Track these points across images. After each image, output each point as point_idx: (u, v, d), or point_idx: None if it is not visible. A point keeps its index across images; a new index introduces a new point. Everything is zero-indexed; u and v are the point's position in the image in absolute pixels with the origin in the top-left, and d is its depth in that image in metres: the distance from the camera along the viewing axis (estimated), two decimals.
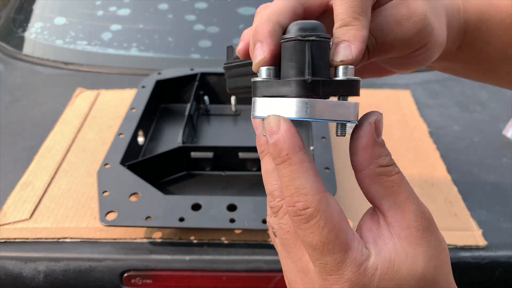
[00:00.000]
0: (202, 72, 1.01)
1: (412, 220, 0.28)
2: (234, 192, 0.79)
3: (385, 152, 0.29)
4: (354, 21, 0.29)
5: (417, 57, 0.35)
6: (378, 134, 0.29)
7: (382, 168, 0.28)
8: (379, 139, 0.29)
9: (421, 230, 0.28)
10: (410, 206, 0.28)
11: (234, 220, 0.67)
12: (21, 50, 1.27)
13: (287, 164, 0.27)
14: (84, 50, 1.23)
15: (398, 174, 0.29)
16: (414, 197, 0.29)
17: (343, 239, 0.27)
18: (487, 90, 1.10)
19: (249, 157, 0.82)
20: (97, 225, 0.71)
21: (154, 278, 0.68)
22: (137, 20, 1.27)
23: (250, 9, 1.27)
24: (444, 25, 0.37)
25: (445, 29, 0.37)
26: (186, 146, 0.81)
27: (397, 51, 0.34)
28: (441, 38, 0.36)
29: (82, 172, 0.83)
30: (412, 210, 0.28)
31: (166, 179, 0.83)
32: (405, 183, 0.29)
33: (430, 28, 0.34)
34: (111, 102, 1.04)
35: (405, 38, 0.33)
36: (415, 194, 0.29)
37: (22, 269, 0.67)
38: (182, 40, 1.23)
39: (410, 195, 0.29)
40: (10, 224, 0.72)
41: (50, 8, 1.34)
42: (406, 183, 0.29)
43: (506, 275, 0.68)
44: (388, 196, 0.29)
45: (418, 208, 0.29)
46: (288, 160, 0.27)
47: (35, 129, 0.96)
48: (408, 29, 0.33)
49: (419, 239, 0.28)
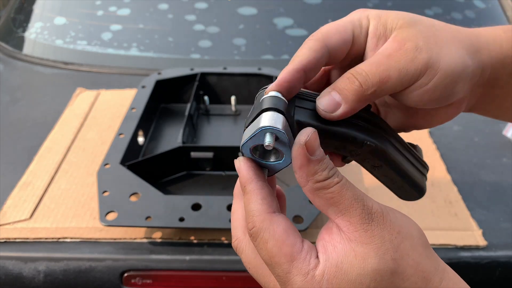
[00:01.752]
0: (202, 72, 1.01)
1: (358, 222, 0.30)
2: None
3: (321, 167, 0.30)
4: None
5: (433, 91, 0.34)
6: (312, 151, 0.30)
7: (319, 183, 0.30)
8: (314, 156, 0.30)
9: (369, 229, 0.29)
10: (354, 211, 0.30)
11: None
12: (21, 50, 1.27)
13: (244, 194, 0.32)
14: (84, 50, 1.23)
15: (337, 184, 0.30)
16: (359, 199, 0.30)
17: (286, 251, 0.30)
18: None
19: None
20: (97, 225, 0.71)
21: (154, 278, 0.68)
22: (137, 20, 1.27)
23: (250, 9, 1.27)
24: (460, 51, 0.35)
25: (462, 55, 0.35)
26: (186, 146, 0.81)
27: (396, 83, 0.33)
28: (452, 66, 0.34)
29: (82, 172, 0.83)
30: (357, 213, 0.30)
31: (166, 179, 0.83)
32: (346, 190, 0.30)
33: (427, 56, 0.33)
34: (111, 102, 1.04)
35: (399, 67, 0.33)
36: (361, 194, 0.30)
37: (22, 269, 0.67)
38: (182, 40, 1.23)
39: (353, 200, 0.30)
40: (10, 224, 0.72)
41: (50, 8, 1.34)
42: (348, 189, 0.30)
43: (506, 275, 0.68)
44: (331, 206, 0.30)
45: (364, 210, 0.30)
46: (244, 191, 0.32)
47: (35, 129, 0.96)
48: (399, 59, 0.33)
49: (369, 238, 0.29)
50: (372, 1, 1.28)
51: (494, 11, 1.35)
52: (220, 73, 1.02)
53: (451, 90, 0.34)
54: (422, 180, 0.40)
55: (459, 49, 0.35)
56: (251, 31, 1.23)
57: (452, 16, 1.29)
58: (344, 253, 0.29)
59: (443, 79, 0.33)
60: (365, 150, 0.34)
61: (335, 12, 1.27)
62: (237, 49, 1.20)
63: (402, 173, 0.37)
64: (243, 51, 1.19)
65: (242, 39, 1.22)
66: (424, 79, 0.33)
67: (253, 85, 1.01)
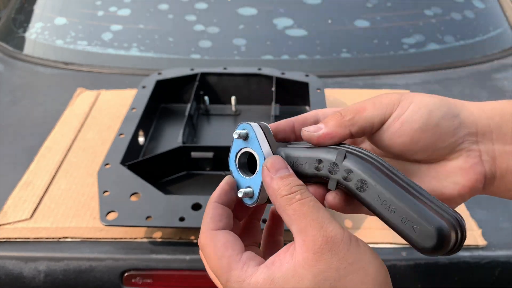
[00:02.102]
0: (202, 72, 1.01)
1: (310, 244, 0.30)
2: None
3: (283, 183, 0.33)
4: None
5: (411, 121, 0.35)
6: (274, 171, 0.34)
7: (283, 198, 0.33)
8: (276, 175, 0.34)
9: (318, 252, 0.30)
10: (310, 231, 0.31)
11: None
12: (22, 50, 1.27)
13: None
14: (84, 50, 1.23)
15: (299, 201, 0.32)
16: (318, 221, 0.31)
17: (224, 263, 0.33)
18: (487, 90, 1.10)
19: None
20: (98, 225, 0.71)
21: (155, 277, 0.68)
22: (137, 20, 1.27)
23: (250, 9, 1.27)
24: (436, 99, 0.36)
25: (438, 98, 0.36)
26: (186, 146, 0.81)
27: (372, 113, 0.35)
28: (426, 99, 0.35)
29: (82, 172, 0.83)
30: (311, 234, 0.31)
31: (166, 179, 0.83)
32: (307, 209, 0.32)
33: (400, 95, 0.36)
34: (111, 102, 1.04)
35: (374, 101, 0.36)
36: (323, 217, 0.31)
37: (22, 268, 0.68)
38: (182, 40, 1.23)
39: (312, 221, 0.31)
40: (10, 224, 0.72)
41: (51, 8, 1.34)
42: (310, 209, 0.32)
43: (505, 275, 0.68)
44: (293, 223, 0.32)
45: (319, 232, 0.30)
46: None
47: (35, 129, 0.96)
48: (375, 98, 0.36)
49: (315, 261, 0.30)
50: (371, 1, 1.29)
51: (494, 11, 1.35)
52: (220, 73, 1.02)
53: (432, 121, 0.34)
54: (438, 218, 0.30)
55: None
56: (251, 31, 1.23)
57: (451, 16, 1.29)
58: (286, 270, 0.31)
59: (417, 108, 0.35)
60: (339, 160, 0.34)
61: (335, 12, 1.27)
62: (237, 49, 1.20)
63: (399, 193, 0.31)
64: (243, 51, 1.20)
65: (242, 39, 1.22)
66: (399, 110, 0.35)
67: (253, 85, 1.01)
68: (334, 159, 0.34)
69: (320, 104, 0.89)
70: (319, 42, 1.22)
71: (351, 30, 1.25)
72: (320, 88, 0.95)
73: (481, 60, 1.21)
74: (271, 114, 0.89)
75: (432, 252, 0.30)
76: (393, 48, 1.21)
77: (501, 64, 1.20)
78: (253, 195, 0.37)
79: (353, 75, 1.15)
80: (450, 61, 1.20)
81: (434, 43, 1.23)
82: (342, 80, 1.13)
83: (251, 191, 0.37)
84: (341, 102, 1.01)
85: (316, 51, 1.20)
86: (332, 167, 0.34)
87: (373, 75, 1.15)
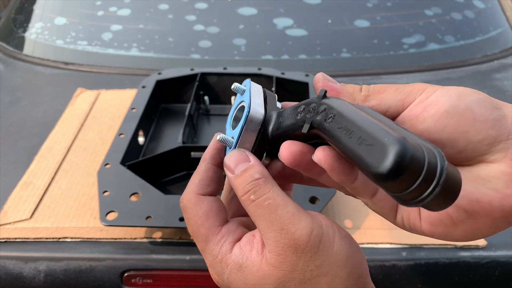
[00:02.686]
0: (202, 72, 1.01)
1: (272, 246, 0.30)
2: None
3: (240, 181, 0.32)
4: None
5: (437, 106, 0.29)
6: (233, 167, 0.33)
7: (241, 199, 0.32)
8: (235, 172, 0.32)
9: (282, 254, 0.29)
10: (270, 233, 0.30)
11: None
12: (22, 50, 1.27)
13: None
14: (84, 50, 1.23)
15: (253, 203, 0.31)
16: (277, 223, 0.29)
17: (202, 232, 0.33)
18: (487, 90, 1.10)
19: None
20: (98, 225, 0.71)
21: (155, 277, 0.68)
22: (137, 20, 1.27)
23: (250, 9, 1.27)
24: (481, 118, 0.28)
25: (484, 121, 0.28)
26: (186, 146, 0.81)
27: (392, 95, 0.32)
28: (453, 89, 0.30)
29: (82, 172, 0.83)
30: (272, 236, 0.29)
31: (166, 179, 0.83)
32: (262, 211, 0.30)
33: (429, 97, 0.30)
34: (111, 102, 1.04)
35: (396, 86, 0.33)
36: (282, 219, 0.29)
37: (22, 268, 0.68)
38: (182, 40, 1.23)
39: (271, 223, 0.30)
40: (10, 224, 0.72)
41: (50, 8, 1.34)
42: (266, 210, 0.30)
43: (505, 275, 0.68)
44: (255, 223, 0.31)
45: (280, 235, 0.29)
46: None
47: (35, 129, 0.96)
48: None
49: (279, 263, 0.29)
50: (371, 1, 1.29)
51: (494, 11, 1.35)
52: (220, 73, 1.02)
53: (462, 104, 0.28)
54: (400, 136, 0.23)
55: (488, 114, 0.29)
56: (251, 31, 1.23)
57: (451, 16, 1.29)
58: (253, 262, 0.30)
59: (445, 91, 0.29)
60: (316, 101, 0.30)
61: (335, 12, 1.27)
62: (237, 49, 1.20)
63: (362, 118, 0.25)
64: (243, 51, 1.20)
65: (242, 39, 1.22)
66: (423, 95, 0.30)
67: None
68: (314, 99, 0.30)
69: None
70: (319, 42, 1.22)
71: (351, 30, 1.25)
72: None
73: (481, 60, 1.21)
74: None
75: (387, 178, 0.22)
76: (393, 48, 1.21)
77: (501, 64, 1.20)
78: (231, 144, 0.35)
79: (353, 75, 1.15)
80: (450, 61, 1.20)
81: (434, 43, 1.23)
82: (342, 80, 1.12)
83: (231, 140, 0.35)
84: None
85: (316, 51, 1.20)
86: (311, 108, 0.30)
87: (373, 75, 1.16)
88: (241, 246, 0.32)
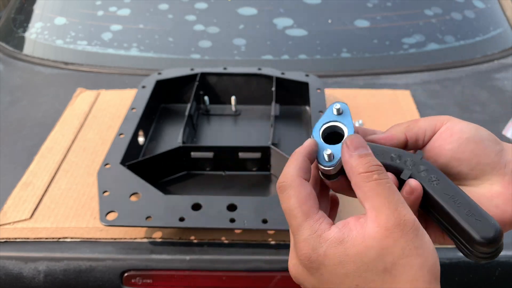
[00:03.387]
0: (202, 72, 1.01)
1: (383, 221, 0.33)
2: (234, 192, 0.80)
3: (362, 161, 0.36)
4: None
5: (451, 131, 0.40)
6: (353, 148, 0.37)
7: (360, 175, 0.35)
8: (356, 152, 0.37)
9: (389, 230, 0.33)
10: (384, 210, 0.33)
11: (234, 220, 0.67)
12: (21, 50, 1.27)
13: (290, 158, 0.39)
14: (84, 50, 1.23)
15: (375, 181, 0.35)
16: (393, 203, 0.34)
17: (304, 209, 0.36)
18: (487, 90, 1.10)
19: (249, 157, 0.82)
20: (97, 225, 0.71)
21: (154, 278, 0.68)
22: (137, 20, 1.27)
23: (250, 9, 1.27)
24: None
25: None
26: (186, 146, 0.81)
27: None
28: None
29: (82, 172, 0.83)
30: (386, 213, 0.33)
31: (166, 179, 0.83)
32: (382, 189, 0.34)
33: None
34: (111, 102, 1.04)
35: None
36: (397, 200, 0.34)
37: (22, 269, 0.68)
38: (182, 40, 1.23)
39: (386, 201, 0.34)
40: (10, 224, 0.72)
41: (50, 8, 1.34)
42: (386, 189, 0.34)
43: (506, 275, 0.68)
44: (367, 199, 0.34)
45: (393, 214, 0.33)
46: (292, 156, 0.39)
47: (35, 129, 0.96)
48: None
49: (385, 237, 0.33)
50: (371, 1, 1.29)
51: (494, 11, 1.35)
52: (220, 73, 1.02)
53: (478, 136, 0.39)
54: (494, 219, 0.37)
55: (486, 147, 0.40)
56: (251, 31, 1.23)
57: (452, 16, 1.29)
58: (355, 236, 0.33)
59: (467, 124, 0.40)
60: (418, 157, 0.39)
61: (335, 12, 1.27)
62: (237, 49, 1.20)
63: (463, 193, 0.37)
64: (243, 51, 1.20)
65: (242, 39, 1.22)
66: (449, 123, 0.40)
67: (253, 85, 1.01)
68: (414, 156, 0.39)
69: (320, 104, 0.89)
70: (319, 42, 1.22)
71: (351, 30, 1.25)
72: (320, 88, 0.95)
73: (481, 60, 1.21)
74: (271, 114, 0.89)
75: (488, 244, 0.35)
76: (393, 48, 1.21)
77: (501, 64, 1.20)
78: (333, 159, 0.39)
79: (353, 75, 1.15)
80: (450, 61, 1.20)
81: (434, 43, 1.23)
82: (342, 80, 1.13)
83: (333, 154, 0.39)
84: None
85: (316, 51, 1.20)
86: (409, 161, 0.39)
87: (373, 75, 1.15)
88: (339, 227, 0.35)
